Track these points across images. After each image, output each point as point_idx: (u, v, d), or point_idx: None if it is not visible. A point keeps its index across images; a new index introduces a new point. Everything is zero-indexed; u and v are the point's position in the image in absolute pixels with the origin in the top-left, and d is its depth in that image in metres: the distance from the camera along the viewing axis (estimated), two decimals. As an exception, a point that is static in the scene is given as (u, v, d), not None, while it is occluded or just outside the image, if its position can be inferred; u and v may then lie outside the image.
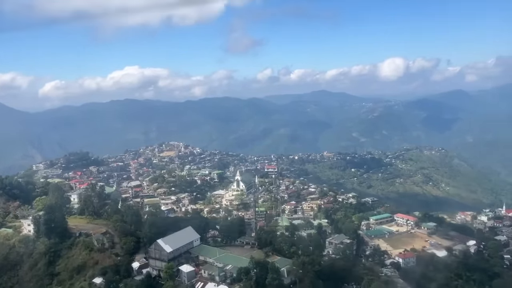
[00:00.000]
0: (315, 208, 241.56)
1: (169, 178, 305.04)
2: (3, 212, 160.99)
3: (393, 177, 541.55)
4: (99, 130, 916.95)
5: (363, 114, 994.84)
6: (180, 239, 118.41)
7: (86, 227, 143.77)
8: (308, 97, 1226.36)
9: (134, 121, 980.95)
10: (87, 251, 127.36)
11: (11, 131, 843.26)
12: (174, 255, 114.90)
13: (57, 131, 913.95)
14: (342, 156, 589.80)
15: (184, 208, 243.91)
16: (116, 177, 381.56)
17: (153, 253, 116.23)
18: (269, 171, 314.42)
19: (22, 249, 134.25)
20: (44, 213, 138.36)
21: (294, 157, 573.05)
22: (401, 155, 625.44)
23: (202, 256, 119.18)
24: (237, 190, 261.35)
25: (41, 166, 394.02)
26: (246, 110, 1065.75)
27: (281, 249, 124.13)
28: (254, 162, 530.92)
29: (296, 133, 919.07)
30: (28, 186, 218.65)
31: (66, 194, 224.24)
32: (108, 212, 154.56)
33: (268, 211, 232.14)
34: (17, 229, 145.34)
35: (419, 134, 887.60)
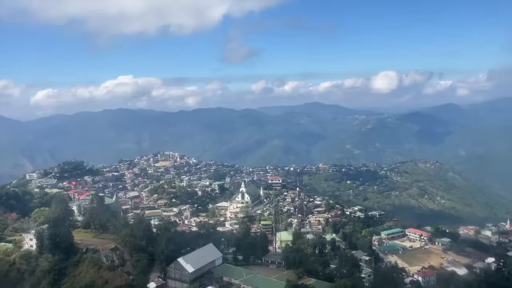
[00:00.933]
0: (322, 222, 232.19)
1: (169, 189, 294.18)
2: (1, 224, 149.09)
3: (388, 190, 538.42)
4: (92, 139, 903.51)
5: (356, 127, 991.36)
6: (201, 258, 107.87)
7: (93, 242, 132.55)
8: (301, 108, 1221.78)
9: (127, 131, 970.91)
10: (95, 268, 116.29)
11: (1, 139, 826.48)
12: (196, 276, 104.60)
13: (49, 140, 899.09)
14: (337, 168, 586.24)
15: (187, 221, 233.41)
16: (111, 187, 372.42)
17: (172, 273, 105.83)
18: (273, 182, 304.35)
19: (23, 266, 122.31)
20: (48, 226, 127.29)
21: (290, 169, 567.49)
22: (396, 168, 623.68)
23: (227, 277, 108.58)
24: (242, 202, 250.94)
25: (35, 175, 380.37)
26: (239, 121, 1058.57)
27: (313, 269, 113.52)
28: (250, 173, 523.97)
29: (289, 144, 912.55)
30: (25, 196, 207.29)
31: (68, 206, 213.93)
32: (116, 225, 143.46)
33: (274, 225, 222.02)
34: (17, 243, 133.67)
35: (412, 147, 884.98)
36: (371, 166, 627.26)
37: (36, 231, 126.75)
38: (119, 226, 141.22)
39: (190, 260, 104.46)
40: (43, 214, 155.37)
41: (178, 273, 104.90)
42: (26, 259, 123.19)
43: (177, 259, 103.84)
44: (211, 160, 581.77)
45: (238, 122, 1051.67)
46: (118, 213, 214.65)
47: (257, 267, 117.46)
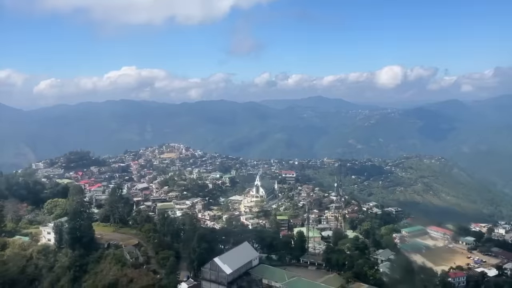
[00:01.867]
0: (339, 218, 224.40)
1: (180, 182, 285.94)
2: (15, 216, 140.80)
3: (393, 185, 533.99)
4: (94, 129, 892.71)
5: (359, 121, 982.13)
6: (238, 258, 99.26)
7: (114, 237, 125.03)
8: (304, 102, 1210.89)
9: (129, 122, 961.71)
10: (119, 266, 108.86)
11: (3, 128, 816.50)
12: (233, 277, 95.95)
13: (51, 130, 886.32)
14: (342, 163, 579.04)
15: (200, 214, 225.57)
16: (118, 178, 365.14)
17: (207, 273, 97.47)
18: (287, 176, 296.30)
19: (41, 262, 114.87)
20: (68, 220, 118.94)
21: (294, 162, 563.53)
22: (401, 163, 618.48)
23: (266, 279, 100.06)
24: (256, 196, 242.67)
25: (41, 165, 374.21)
26: (242, 113, 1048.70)
27: (361, 273, 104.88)
28: (254, 166, 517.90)
29: (292, 138, 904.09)
30: (35, 186, 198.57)
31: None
32: (136, 220, 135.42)
33: (291, 220, 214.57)
34: (34, 237, 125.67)
35: (415, 143, 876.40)
36: (375, 161, 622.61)
37: (55, 224, 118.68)
38: (140, 220, 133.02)
39: (227, 260, 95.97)
40: (59, 206, 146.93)
41: (214, 274, 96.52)
42: (44, 254, 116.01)
43: (214, 259, 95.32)
44: (215, 153, 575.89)
45: (241, 115, 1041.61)
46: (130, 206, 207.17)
47: (295, 269, 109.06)
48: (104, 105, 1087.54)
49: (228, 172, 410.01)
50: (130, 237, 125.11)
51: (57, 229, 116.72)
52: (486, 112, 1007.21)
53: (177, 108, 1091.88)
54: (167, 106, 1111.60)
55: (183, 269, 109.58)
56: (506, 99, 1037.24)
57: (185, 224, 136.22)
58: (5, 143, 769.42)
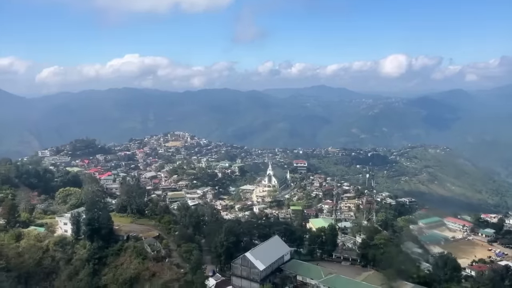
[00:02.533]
0: (353, 208, 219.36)
1: (189, 170, 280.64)
2: (28, 206, 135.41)
3: (398, 175, 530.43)
4: (97, 117, 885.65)
5: (363, 111, 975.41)
6: (270, 253, 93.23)
7: (133, 229, 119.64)
8: (307, 91, 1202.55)
9: (132, 110, 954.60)
10: (140, 259, 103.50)
11: (7, 116, 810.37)
12: (266, 274, 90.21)
13: (54, 118, 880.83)
14: (347, 152, 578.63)
15: (213, 203, 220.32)
16: (124, 167, 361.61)
17: (238, 269, 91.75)
18: (298, 166, 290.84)
19: (58, 254, 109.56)
20: (85, 210, 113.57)
21: (299, 151, 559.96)
22: (405, 153, 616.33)
23: (300, 276, 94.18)
24: (268, 185, 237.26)
25: (47, 153, 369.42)
26: (245, 102, 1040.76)
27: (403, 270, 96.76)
28: (259, 155, 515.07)
29: (295, 127, 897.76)
30: (46, 174, 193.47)
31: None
32: (155, 210, 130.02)
33: (305, 210, 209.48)
34: (50, 228, 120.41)
35: (419, 132, 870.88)
36: (380, 150, 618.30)
37: (72, 215, 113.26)
38: (159, 211, 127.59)
39: (259, 256, 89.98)
40: (73, 195, 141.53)
41: (246, 270, 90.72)
42: (61, 246, 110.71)
43: (245, 254, 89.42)
44: (220, 141, 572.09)
45: (244, 103, 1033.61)
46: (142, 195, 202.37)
47: (328, 264, 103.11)
48: (106, 93, 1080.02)
49: (233, 161, 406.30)
50: (149, 228, 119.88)
51: (74, 219, 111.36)
52: (491, 102, 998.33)
53: (180, 96, 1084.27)
54: (169, 95, 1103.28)
55: (207, 263, 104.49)
56: (511, 88, 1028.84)
57: (205, 215, 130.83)
58: (8, 130, 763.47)
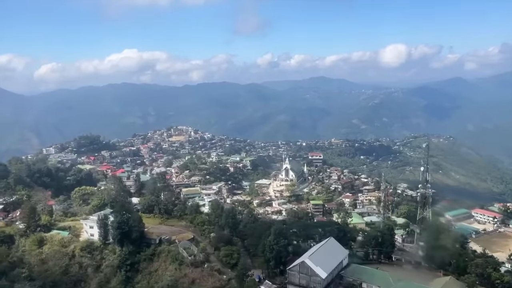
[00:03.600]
0: (373, 201, 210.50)
1: (200, 165, 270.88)
2: (46, 208, 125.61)
3: (402, 165, 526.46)
4: (96, 113, 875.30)
5: (363, 101, 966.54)
6: (329, 258, 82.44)
7: (163, 231, 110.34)
8: (306, 83, 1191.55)
9: (132, 105, 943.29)
10: (176, 264, 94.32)
11: (5, 114, 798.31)
12: (327, 282, 79.81)
13: (54, 115, 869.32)
14: (350, 143, 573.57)
15: (229, 200, 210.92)
16: (129, 163, 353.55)
17: (296, 277, 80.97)
18: (314, 158, 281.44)
19: (86, 260, 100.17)
20: (114, 212, 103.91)
21: (302, 144, 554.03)
22: (408, 143, 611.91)
23: (365, 283, 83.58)
24: (286, 179, 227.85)
25: (52, 150, 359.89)
26: (244, 95, 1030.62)
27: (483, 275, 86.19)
28: (262, 148, 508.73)
29: (295, 119, 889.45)
30: (58, 173, 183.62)
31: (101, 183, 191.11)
32: (184, 210, 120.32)
33: (325, 205, 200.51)
34: (74, 232, 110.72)
35: (419, 122, 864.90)
36: (383, 141, 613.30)
37: (99, 217, 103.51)
38: (190, 210, 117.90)
39: (318, 261, 79.27)
40: (95, 195, 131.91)
41: (305, 278, 79.79)
42: (88, 251, 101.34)
43: (304, 260, 78.76)
44: (223, 135, 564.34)
45: (243, 96, 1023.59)
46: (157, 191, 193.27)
47: (389, 267, 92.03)
48: (105, 88, 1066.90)
49: (238, 154, 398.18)
50: (180, 230, 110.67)
51: (102, 222, 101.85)
52: (490, 89, 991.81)
53: (179, 90, 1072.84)
54: (169, 89, 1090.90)
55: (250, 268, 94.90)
56: (510, 76, 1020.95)
57: (240, 214, 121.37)
58: (7, 129, 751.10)
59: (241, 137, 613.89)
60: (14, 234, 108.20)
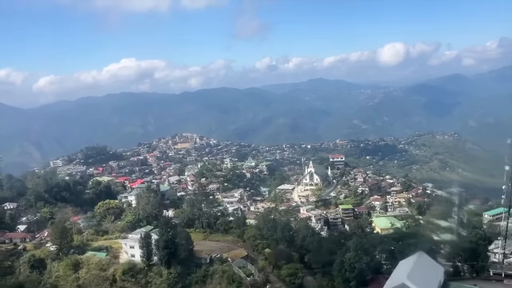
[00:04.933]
0: (403, 203, 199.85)
1: (217, 172, 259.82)
2: (75, 225, 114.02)
3: (409, 164, 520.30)
4: (96, 124, 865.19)
5: (362, 101, 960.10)
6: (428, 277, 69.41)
7: (210, 247, 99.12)
8: (305, 85, 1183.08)
9: (131, 114, 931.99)
10: (234, 287, 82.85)
11: (5, 128, 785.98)
12: None
13: (53, 127, 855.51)
14: (355, 144, 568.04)
15: (253, 208, 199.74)
16: (138, 172, 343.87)
17: None
18: (335, 160, 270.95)
19: (129, 285, 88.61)
20: (160, 230, 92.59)
21: (307, 146, 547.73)
22: (413, 141, 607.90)
23: None
24: (311, 183, 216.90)
25: (59, 162, 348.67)
26: (244, 100, 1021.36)
27: None
28: (267, 152, 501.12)
29: (296, 122, 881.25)
30: (76, 187, 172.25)
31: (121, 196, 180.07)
32: (228, 223, 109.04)
33: (356, 209, 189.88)
34: (112, 253, 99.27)
35: (420, 120, 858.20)
36: (388, 140, 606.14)
37: (142, 236, 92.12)
38: (236, 223, 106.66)
39: (419, 282, 66.17)
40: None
41: None
42: (131, 274, 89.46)
43: (404, 282, 65.93)
44: (227, 140, 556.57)
45: (243, 101, 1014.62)
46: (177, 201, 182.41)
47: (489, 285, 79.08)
48: (104, 99, 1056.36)
49: (245, 159, 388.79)
50: (228, 246, 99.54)
51: (144, 241, 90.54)
52: (489, 85, 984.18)
53: (178, 98, 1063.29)
54: (168, 97, 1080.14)
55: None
56: (509, 70, 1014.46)
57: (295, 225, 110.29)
58: (8, 142, 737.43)
59: (243, 141, 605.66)
60: (45, 257, 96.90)
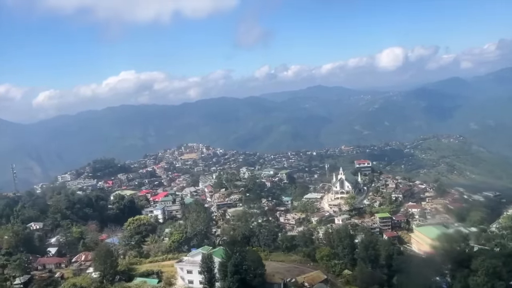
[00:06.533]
0: (440, 209, 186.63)
1: (236, 182, 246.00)
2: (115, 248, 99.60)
3: (416, 168, 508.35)
4: (97, 138, 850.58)
5: (362, 107, 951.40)
6: None
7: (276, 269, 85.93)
8: (304, 93, 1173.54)
9: (132, 127, 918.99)
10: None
11: (6, 143, 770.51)
12: None
13: (54, 142, 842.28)
14: (361, 149, 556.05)
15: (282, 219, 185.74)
16: (148, 184, 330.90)
17: None
18: (362, 166, 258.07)
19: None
20: (225, 252, 78.86)
21: (312, 153, 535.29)
22: (419, 145, 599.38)
23: None
24: (341, 191, 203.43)
25: (67, 177, 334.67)
26: (244, 109, 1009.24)
27: None
28: (272, 160, 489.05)
29: (296, 129, 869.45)
30: (99, 202, 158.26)
31: (146, 210, 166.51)
32: (290, 240, 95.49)
33: (393, 217, 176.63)
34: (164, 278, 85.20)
35: (421, 124, 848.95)
36: (394, 144, 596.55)
37: (203, 259, 78.36)
38: (303, 241, 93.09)
39: None
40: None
41: None
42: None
43: None
44: (233, 150, 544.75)
45: (243, 110, 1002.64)
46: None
47: None
48: (104, 112, 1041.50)
49: (253, 167, 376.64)
50: (296, 266, 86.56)
51: (206, 265, 77.06)
52: (488, 87, 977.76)
53: (178, 109, 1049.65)
54: (167, 108, 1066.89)
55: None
56: (506, 72, 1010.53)
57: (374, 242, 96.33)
58: (9, 158, 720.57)
59: (245, 150, 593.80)
60: (87, 286, 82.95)
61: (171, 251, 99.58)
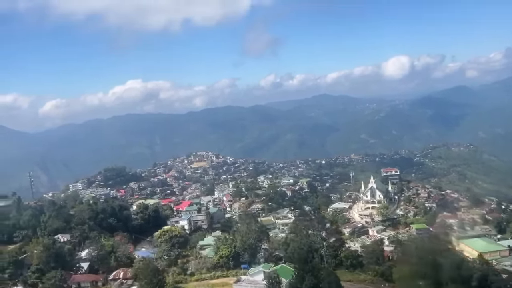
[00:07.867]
0: (478, 220, 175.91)
1: (256, 191, 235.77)
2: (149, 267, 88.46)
3: (427, 177, 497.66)
4: (104, 146, 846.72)
5: (368, 116, 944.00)
6: None
7: None
8: (309, 101, 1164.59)
9: (138, 136, 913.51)
10: None
11: (13, 152, 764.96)
12: None
13: (60, 150, 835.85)
14: (370, 158, 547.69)
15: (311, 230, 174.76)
16: (160, 193, 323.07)
17: None
18: (389, 175, 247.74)
19: None
20: (298, 271, 67.99)
21: (321, 162, 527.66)
22: (429, 153, 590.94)
23: None
24: (373, 201, 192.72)
25: (79, 185, 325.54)
26: (249, 117, 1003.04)
27: None
28: (281, 169, 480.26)
29: (302, 138, 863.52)
30: (122, 211, 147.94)
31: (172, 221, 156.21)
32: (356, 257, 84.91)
33: (431, 228, 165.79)
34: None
35: (429, 132, 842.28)
36: (403, 153, 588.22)
37: (269, 278, 67.79)
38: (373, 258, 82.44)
39: None
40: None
41: None
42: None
43: None
44: (239, 158, 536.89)
45: (248, 119, 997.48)
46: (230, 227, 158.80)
47: None
48: (110, 121, 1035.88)
49: (263, 176, 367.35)
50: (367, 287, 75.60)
51: (272, 285, 66.79)
52: (495, 95, 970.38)
53: (184, 117, 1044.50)
54: (173, 117, 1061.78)
55: None
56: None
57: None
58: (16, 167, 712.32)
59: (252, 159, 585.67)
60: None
61: (218, 267, 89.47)
